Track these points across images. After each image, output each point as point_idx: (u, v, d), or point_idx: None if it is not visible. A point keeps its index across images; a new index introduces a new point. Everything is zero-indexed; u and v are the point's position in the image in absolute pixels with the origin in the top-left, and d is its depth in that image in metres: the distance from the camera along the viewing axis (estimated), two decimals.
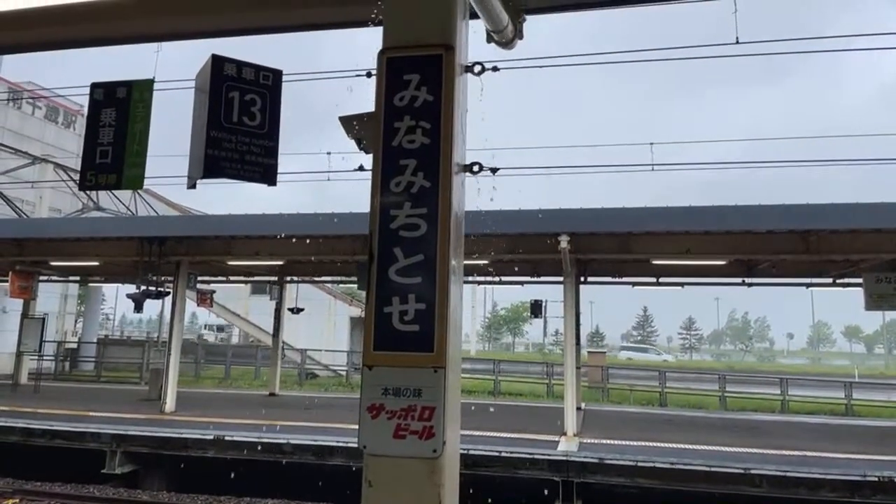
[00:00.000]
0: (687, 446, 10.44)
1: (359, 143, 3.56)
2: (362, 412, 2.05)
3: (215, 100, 2.59)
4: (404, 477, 2.00)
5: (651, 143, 13.27)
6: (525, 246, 12.26)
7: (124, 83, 3.03)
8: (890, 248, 11.03)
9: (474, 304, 70.23)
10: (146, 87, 3.04)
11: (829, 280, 14.19)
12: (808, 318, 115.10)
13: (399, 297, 2.11)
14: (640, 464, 9.08)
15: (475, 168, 2.41)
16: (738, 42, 7.19)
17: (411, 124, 2.23)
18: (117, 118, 2.99)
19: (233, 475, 10.28)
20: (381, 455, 2.02)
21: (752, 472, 8.72)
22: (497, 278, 16.83)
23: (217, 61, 2.61)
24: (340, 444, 10.07)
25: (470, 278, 17.60)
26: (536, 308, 18.53)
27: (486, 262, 13.76)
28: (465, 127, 2.41)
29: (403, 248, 2.14)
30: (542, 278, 15.81)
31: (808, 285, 14.90)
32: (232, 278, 19.21)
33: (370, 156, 2.41)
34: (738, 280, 14.47)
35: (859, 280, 12.75)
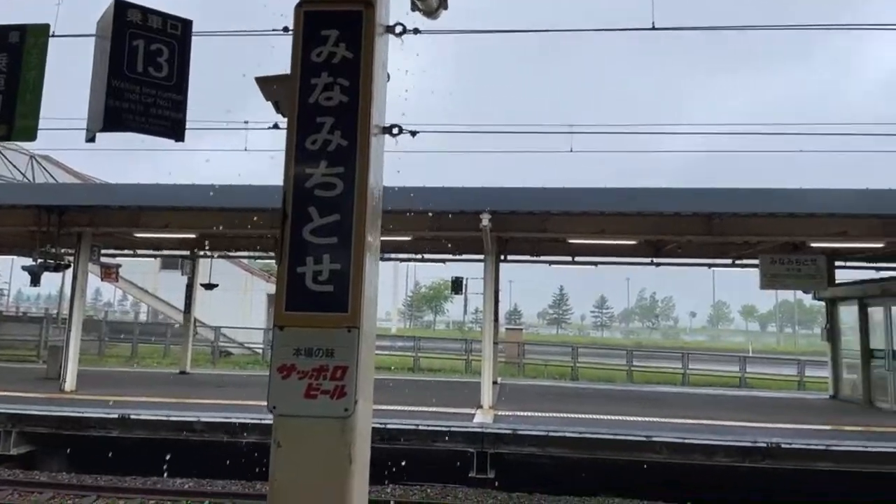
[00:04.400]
0: (596, 416, 10.94)
1: (276, 105, 3.47)
2: (272, 373, 2.01)
3: (118, 48, 2.42)
4: (315, 436, 1.98)
5: (571, 126, 13.55)
6: (448, 223, 12.35)
7: (18, 27, 2.77)
8: (783, 232, 11.90)
9: (396, 282, 70.24)
10: (41, 32, 2.79)
11: (729, 261, 15.14)
12: (709, 297, 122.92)
13: (313, 257, 2.07)
14: (551, 434, 9.43)
15: (394, 130, 2.39)
16: (654, 27, 7.46)
17: (329, 81, 2.18)
18: (9, 65, 2.74)
19: (139, 455, 9.88)
20: (292, 415, 1.99)
21: (654, 439, 9.25)
22: (419, 255, 16.90)
23: (120, 6, 2.43)
24: (255, 421, 9.86)
25: (392, 255, 17.57)
26: (457, 285, 18.76)
27: (408, 238, 13.77)
28: (385, 88, 2.37)
29: (318, 208, 2.09)
30: (464, 256, 16.00)
31: (710, 265, 15.85)
32: (140, 252, 18.25)
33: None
34: (647, 260, 15.18)
35: (756, 261, 13.68)
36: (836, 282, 14.66)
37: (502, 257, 15.18)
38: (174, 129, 2.52)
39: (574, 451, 9.32)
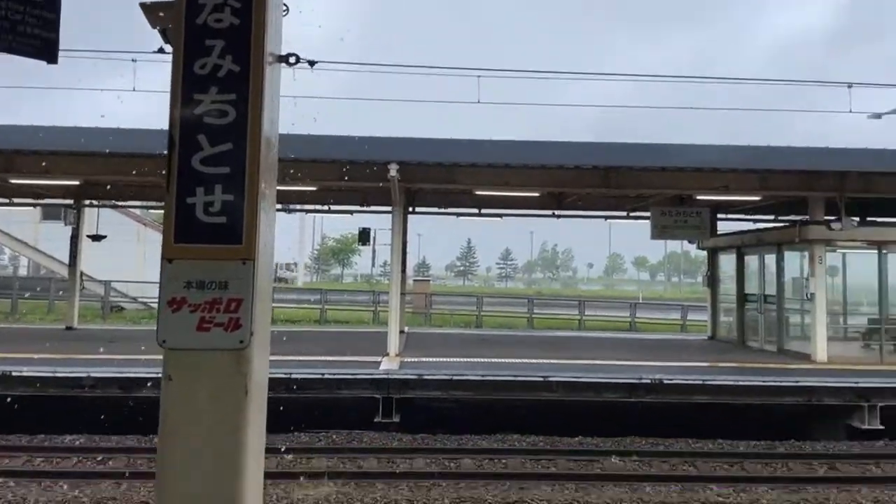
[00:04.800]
0: (497, 360, 11.39)
1: (164, 33, 3.26)
2: (161, 307, 1.94)
3: None
4: (208, 369, 1.95)
5: (479, 76, 13.58)
6: (355, 174, 12.14)
7: None
8: (673, 185, 12.63)
9: (303, 234, 68.82)
10: None
11: (624, 213, 15.95)
12: (606, 249, 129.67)
13: (204, 187, 1.99)
14: (454, 378, 9.74)
15: (291, 59, 2.31)
16: None
17: (219, 2, 2.06)
18: None
19: (24, 413, 9.30)
20: (183, 349, 1.94)
21: (550, 379, 9.78)
22: (326, 206, 16.58)
23: None
24: (151, 375, 9.50)
25: (298, 206, 17.14)
26: (364, 235, 18.62)
27: (315, 188, 13.44)
28: (281, 14, 2.28)
29: (209, 136, 2.00)
30: (372, 207, 15.88)
31: (607, 217, 16.64)
32: (17, 200, 16.73)
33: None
34: (549, 212, 15.71)
35: (648, 214, 14.50)
36: (718, 233, 15.85)
37: (411, 209, 15.21)
38: (46, 49, 2.31)
39: (477, 393, 9.69)
